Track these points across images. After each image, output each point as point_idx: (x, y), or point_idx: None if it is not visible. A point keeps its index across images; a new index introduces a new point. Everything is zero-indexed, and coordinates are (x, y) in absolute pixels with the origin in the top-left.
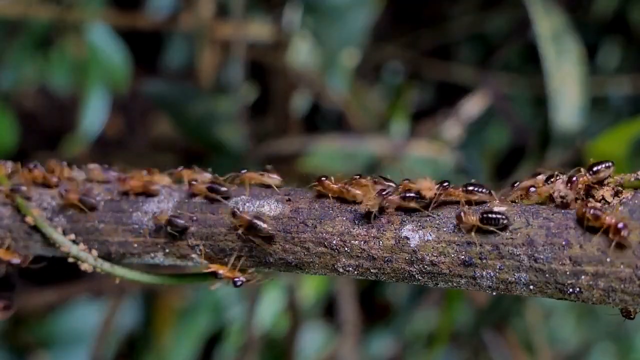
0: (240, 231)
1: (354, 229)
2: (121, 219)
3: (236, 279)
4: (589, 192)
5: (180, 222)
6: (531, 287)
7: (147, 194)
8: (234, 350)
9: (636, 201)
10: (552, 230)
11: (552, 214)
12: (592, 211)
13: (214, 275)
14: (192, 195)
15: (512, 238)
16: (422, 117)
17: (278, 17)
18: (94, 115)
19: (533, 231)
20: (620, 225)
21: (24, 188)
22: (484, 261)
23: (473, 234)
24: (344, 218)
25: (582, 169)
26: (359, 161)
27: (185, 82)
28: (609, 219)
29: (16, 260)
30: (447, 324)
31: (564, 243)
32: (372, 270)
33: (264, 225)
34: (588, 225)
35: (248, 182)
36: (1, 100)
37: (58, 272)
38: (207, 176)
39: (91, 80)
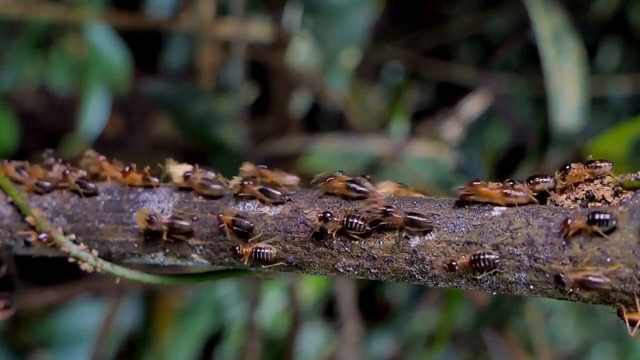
0: (397, 231)
1: None
2: (121, 219)
3: None
4: (589, 194)
5: (246, 222)
6: (531, 287)
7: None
8: (234, 350)
9: (636, 201)
10: (552, 230)
11: (552, 214)
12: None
13: None
14: (239, 195)
15: (512, 238)
16: (422, 117)
17: (278, 17)
18: (94, 115)
19: (533, 231)
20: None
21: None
22: None
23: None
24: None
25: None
26: (359, 161)
27: (185, 82)
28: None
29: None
30: (447, 324)
31: (564, 243)
32: (372, 270)
33: (424, 219)
34: None
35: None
36: (1, 100)
37: (58, 272)
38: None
39: (91, 80)
